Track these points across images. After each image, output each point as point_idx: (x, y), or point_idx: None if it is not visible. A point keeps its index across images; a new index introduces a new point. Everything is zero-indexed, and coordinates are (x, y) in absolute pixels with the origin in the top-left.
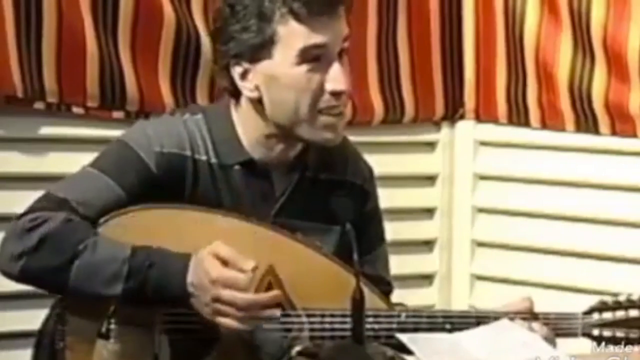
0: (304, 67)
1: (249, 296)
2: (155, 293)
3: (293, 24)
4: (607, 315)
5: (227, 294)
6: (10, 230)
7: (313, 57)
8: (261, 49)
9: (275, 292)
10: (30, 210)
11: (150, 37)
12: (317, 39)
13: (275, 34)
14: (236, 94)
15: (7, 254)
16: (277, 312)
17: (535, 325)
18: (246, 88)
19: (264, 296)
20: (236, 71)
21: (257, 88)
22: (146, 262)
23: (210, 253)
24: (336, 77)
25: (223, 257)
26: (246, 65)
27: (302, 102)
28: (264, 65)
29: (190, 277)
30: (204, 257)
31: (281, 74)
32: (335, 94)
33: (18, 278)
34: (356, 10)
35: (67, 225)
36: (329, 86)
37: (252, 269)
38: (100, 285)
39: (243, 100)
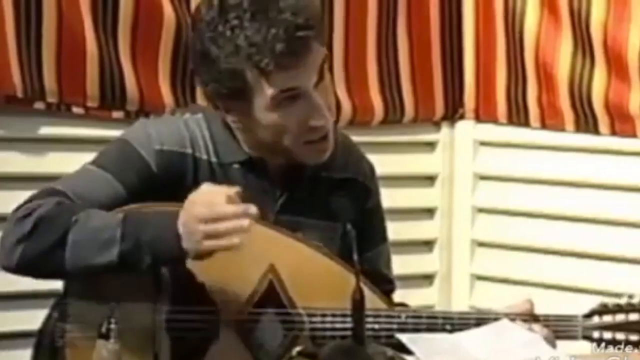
0: (280, 111)
1: (225, 206)
2: (150, 251)
3: (262, 79)
4: (608, 318)
5: (207, 210)
6: (6, 224)
7: (288, 98)
8: (235, 97)
9: (249, 205)
10: (25, 202)
11: (150, 37)
12: (288, 84)
13: (247, 86)
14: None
15: (5, 247)
16: (246, 222)
17: (536, 326)
18: (230, 119)
19: (238, 206)
20: (219, 104)
21: (240, 121)
22: (139, 222)
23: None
24: (315, 113)
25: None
26: (225, 105)
27: (284, 139)
28: (242, 108)
29: (180, 219)
30: (194, 192)
31: (259, 117)
32: (316, 128)
33: (17, 268)
34: (356, 10)
35: (59, 207)
36: (309, 122)
37: (235, 192)
38: (96, 253)
39: None
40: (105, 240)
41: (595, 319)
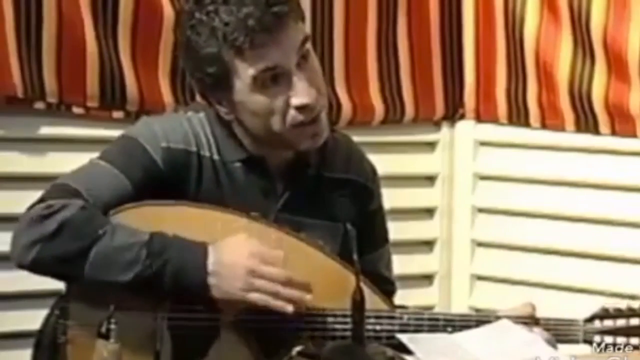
0: (263, 92)
1: (288, 272)
2: (172, 277)
3: (238, 59)
4: (608, 323)
5: (266, 269)
6: (22, 221)
7: (269, 79)
8: (219, 84)
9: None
10: (43, 199)
11: (150, 37)
12: (265, 63)
13: (227, 68)
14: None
15: (20, 244)
16: (308, 296)
17: (536, 330)
18: (222, 112)
19: (300, 279)
20: (210, 98)
21: (232, 111)
22: (164, 247)
23: (240, 236)
24: (298, 92)
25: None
26: (215, 95)
27: (273, 123)
28: (230, 94)
29: (214, 257)
30: (233, 238)
31: (245, 101)
32: (302, 108)
33: (31, 266)
34: (356, 11)
35: (85, 212)
36: (293, 101)
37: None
38: (117, 271)
39: None
40: (129, 260)
41: (596, 323)
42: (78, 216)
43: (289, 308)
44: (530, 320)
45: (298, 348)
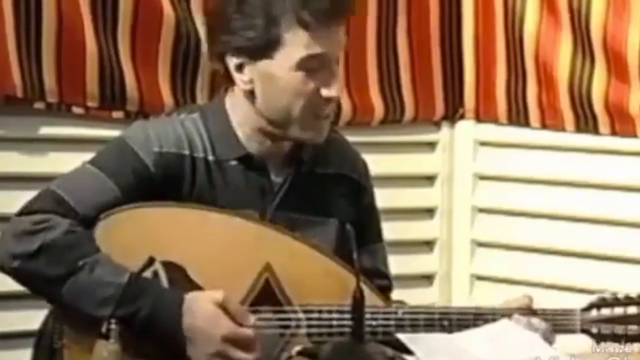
0: (302, 73)
1: (255, 355)
2: (144, 326)
3: (299, 32)
4: (606, 312)
5: (238, 354)
6: (9, 227)
7: (315, 64)
8: (263, 49)
9: None
10: (31, 209)
11: (150, 37)
12: (318, 49)
13: (280, 37)
14: (230, 80)
15: (4, 250)
16: None
17: (535, 320)
18: (240, 80)
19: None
20: (232, 62)
21: (251, 81)
22: (140, 294)
23: (214, 301)
24: (332, 84)
25: (229, 309)
26: (244, 59)
27: (295, 105)
28: (262, 64)
29: (189, 320)
30: (208, 306)
31: (278, 76)
32: (328, 100)
33: (12, 275)
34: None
35: (69, 237)
36: (324, 92)
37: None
38: (91, 306)
39: (237, 88)
40: (103, 298)
41: (594, 312)
42: (61, 241)
43: None
44: (527, 311)
45: (298, 347)
